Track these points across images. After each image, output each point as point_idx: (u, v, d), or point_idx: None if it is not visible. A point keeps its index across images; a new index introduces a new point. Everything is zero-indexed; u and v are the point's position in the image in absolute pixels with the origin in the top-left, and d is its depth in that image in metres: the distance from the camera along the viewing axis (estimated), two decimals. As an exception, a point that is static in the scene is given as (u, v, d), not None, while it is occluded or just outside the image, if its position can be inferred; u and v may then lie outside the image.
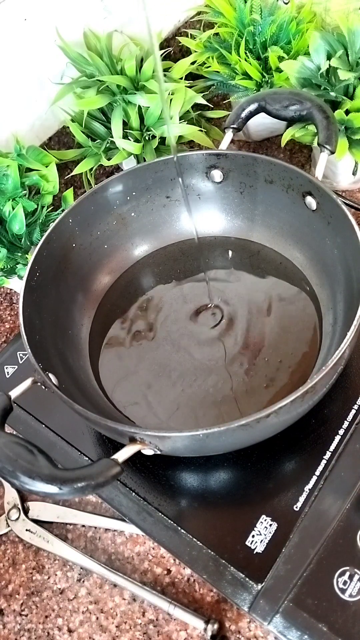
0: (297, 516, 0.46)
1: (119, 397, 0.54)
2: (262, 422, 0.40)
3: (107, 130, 0.67)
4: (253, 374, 0.53)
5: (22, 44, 0.64)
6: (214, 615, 0.46)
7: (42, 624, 0.48)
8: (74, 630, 0.47)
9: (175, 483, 0.50)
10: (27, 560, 0.51)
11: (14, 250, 0.60)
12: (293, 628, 0.42)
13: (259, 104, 0.57)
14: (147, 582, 0.48)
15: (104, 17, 0.71)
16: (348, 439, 0.49)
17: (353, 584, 0.43)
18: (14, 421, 0.55)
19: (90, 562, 0.49)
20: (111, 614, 0.47)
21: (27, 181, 0.60)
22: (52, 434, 0.54)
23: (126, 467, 0.39)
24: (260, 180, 0.58)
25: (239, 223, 0.63)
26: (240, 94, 0.70)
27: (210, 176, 0.60)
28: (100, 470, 0.37)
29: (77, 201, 0.56)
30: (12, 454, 0.36)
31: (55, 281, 0.55)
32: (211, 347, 0.55)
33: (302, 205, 0.55)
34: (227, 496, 0.48)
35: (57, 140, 0.72)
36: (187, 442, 0.41)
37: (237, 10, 0.66)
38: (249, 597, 0.43)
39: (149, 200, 0.61)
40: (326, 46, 0.61)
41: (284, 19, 0.65)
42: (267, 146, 0.78)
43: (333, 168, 0.67)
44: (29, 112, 0.68)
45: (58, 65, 0.68)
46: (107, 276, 0.62)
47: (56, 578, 0.50)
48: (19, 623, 0.48)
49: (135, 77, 0.65)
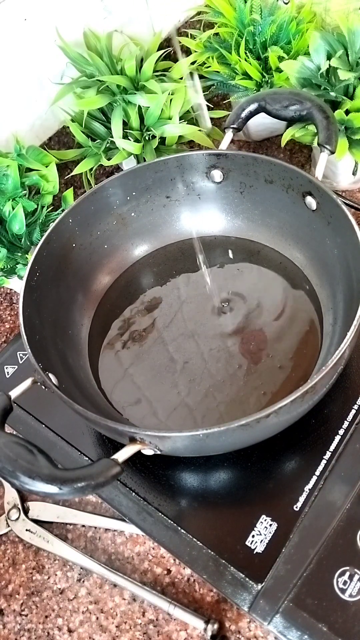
0: (297, 516, 0.46)
1: (119, 397, 0.54)
2: (262, 422, 0.40)
3: (107, 130, 0.67)
4: (253, 374, 0.53)
5: (22, 44, 0.64)
6: (214, 615, 0.46)
7: (42, 624, 0.48)
8: (74, 630, 0.47)
9: (175, 483, 0.50)
10: (27, 560, 0.51)
11: (14, 250, 0.60)
12: (293, 628, 0.42)
13: (259, 104, 0.57)
14: (147, 582, 0.48)
15: (104, 17, 0.71)
16: (348, 439, 0.49)
17: (353, 584, 0.43)
18: (14, 421, 0.56)
19: (90, 562, 0.49)
20: (111, 614, 0.47)
21: (27, 181, 0.60)
22: (52, 434, 0.54)
23: (126, 467, 0.39)
24: (260, 180, 0.58)
25: (239, 223, 0.63)
26: (240, 94, 0.70)
27: (210, 176, 0.60)
28: (100, 470, 0.37)
29: (77, 201, 0.56)
30: (12, 454, 0.36)
31: (55, 281, 0.55)
32: (211, 346, 0.56)
33: (302, 205, 0.55)
34: (227, 496, 0.48)
35: (57, 140, 0.72)
36: (187, 442, 0.41)
37: (237, 10, 0.66)
38: (249, 597, 0.43)
39: (149, 200, 0.61)
40: (326, 46, 0.61)
41: (284, 19, 0.65)
42: (267, 146, 0.78)
43: (333, 168, 0.67)
44: (29, 112, 0.68)
45: (58, 65, 0.68)
46: (107, 276, 0.62)
47: (56, 578, 0.50)
48: (19, 623, 0.48)
49: (135, 77, 0.65)
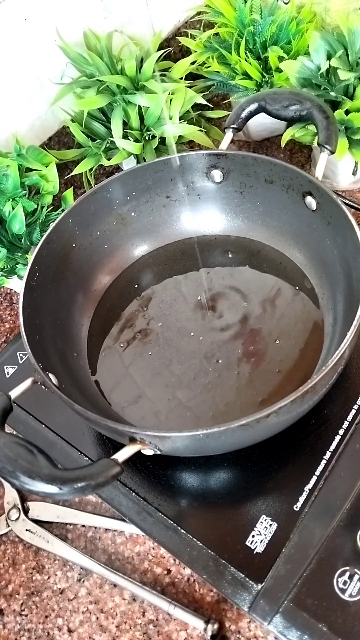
0: (297, 516, 0.46)
1: (119, 397, 0.54)
2: (262, 422, 0.40)
3: (107, 130, 0.67)
4: (253, 374, 0.53)
5: (22, 44, 0.64)
6: (214, 615, 0.46)
7: (42, 624, 0.48)
8: (74, 630, 0.47)
9: (175, 483, 0.50)
10: (27, 560, 0.51)
11: (14, 250, 0.60)
12: (293, 628, 0.42)
13: (259, 104, 0.57)
14: (147, 582, 0.48)
15: (104, 17, 0.71)
16: (348, 439, 0.49)
17: (353, 584, 0.43)
18: (14, 421, 0.55)
19: (90, 562, 0.49)
20: (111, 614, 0.47)
21: (27, 181, 0.60)
22: (52, 434, 0.54)
23: (126, 467, 0.39)
24: (260, 180, 0.58)
25: (239, 223, 0.63)
26: (240, 94, 0.70)
27: (210, 176, 0.60)
28: (100, 470, 0.37)
29: (77, 201, 0.56)
30: (12, 454, 0.36)
31: (55, 281, 0.55)
32: (211, 346, 0.56)
33: (302, 205, 0.55)
34: (227, 496, 0.48)
35: (57, 140, 0.72)
36: (187, 442, 0.41)
37: (237, 10, 0.66)
38: (249, 597, 0.43)
39: (149, 200, 0.61)
40: (326, 46, 0.61)
41: (284, 19, 0.65)
42: (267, 146, 0.78)
43: (333, 168, 0.67)
44: (29, 112, 0.68)
45: (58, 65, 0.68)
46: (107, 276, 0.62)
47: (56, 578, 0.50)
48: (19, 623, 0.48)
49: (135, 77, 0.65)
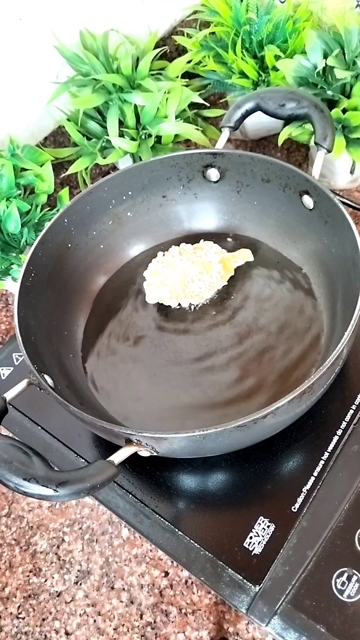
0: (295, 517, 0.46)
1: (115, 398, 0.54)
2: (259, 423, 0.40)
3: (103, 129, 0.67)
4: (251, 374, 0.53)
5: (17, 43, 0.64)
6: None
7: (39, 627, 0.48)
8: (71, 633, 0.47)
9: (172, 485, 0.49)
10: (24, 562, 0.51)
11: (9, 250, 0.59)
12: (291, 629, 0.41)
13: (256, 103, 0.57)
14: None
15: (100, 16, 0.70)
16: (346, 439, 0.49)
17: (351, 584, 0.42)
18: (10, 423, 0.55)
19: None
20: (109, 616, 0.47)
21: (22, 181, 0.60)
22: (48, 436, 0.54)
23: (123, 469, 0.39)
24: (257, 179, 0.58)
25: (235, 222, 0.63)
26: (237, 92, 0.69)
27: (206, 175, 0.60)
28: (96, 472, 0.36)
29: (72, 201, 0.56)
30: (7, 456, 0.36)
31: (51, 282, 0.55)
32: (208, 346, 0.55)
33: (299, 204, 0.55)
34: (224, 497, 0.48)
35: (53, 140, 0.72)
36: (184, 444, 0.41)
37: (233, 9, 0.66)
38: (247, 599, 0.43)
39: (145, 200, 0.61)
40: (322, 45, 0.61)
41: (281, 17, 0.65)
42: (264, 145, 0.78)
43: (330, 167, 0.67)
44: (25, 112, 0.68)
45: (54, 64, 0.68)
46: (102, 276, 0.62)
47: (53, 581, 0.50)
48: (16, 626, 0.48)
49: (131, 75, 0.65)
